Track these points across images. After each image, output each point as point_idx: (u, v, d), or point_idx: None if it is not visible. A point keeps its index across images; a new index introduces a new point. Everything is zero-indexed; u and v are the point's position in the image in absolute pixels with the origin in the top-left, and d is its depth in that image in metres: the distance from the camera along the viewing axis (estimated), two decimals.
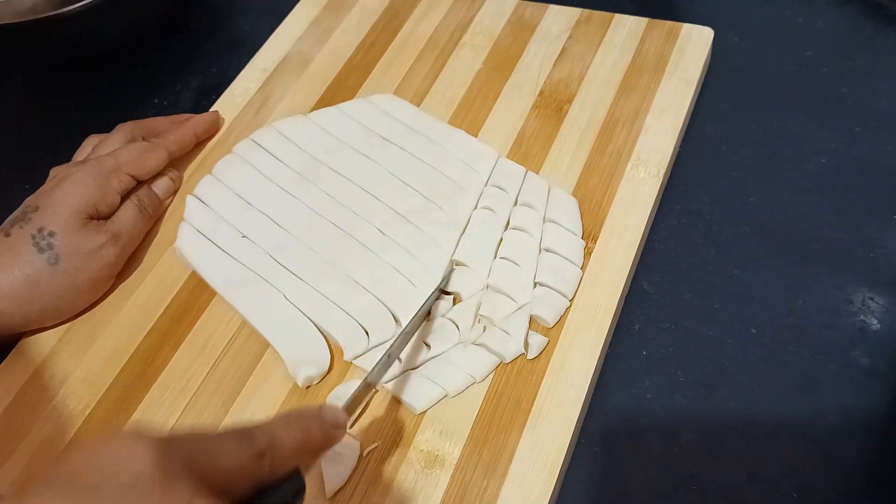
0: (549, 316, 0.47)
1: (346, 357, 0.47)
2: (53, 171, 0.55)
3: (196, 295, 0.52)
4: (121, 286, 0.53)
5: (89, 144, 0.57)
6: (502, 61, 0.62)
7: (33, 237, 0.48)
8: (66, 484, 0.24)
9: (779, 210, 0.53)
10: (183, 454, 0.27)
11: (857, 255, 0.51)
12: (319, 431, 0.32)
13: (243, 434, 0.30)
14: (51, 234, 0.48)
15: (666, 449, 0.45)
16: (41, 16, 0.63)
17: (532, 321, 0.48)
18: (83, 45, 0.68)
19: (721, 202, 0.54)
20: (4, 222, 0.50)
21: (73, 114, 0.69)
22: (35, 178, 0.55)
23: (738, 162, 0.56)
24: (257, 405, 0.46)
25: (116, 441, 0.25)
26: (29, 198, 0.51)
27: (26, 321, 0.49)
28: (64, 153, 0.58)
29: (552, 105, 0.59)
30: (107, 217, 0.51)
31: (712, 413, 0.46)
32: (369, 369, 0.46)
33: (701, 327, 0.49)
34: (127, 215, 0.52)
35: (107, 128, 0.57)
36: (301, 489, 0.32)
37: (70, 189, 0.50)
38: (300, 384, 0.46)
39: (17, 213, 0.50)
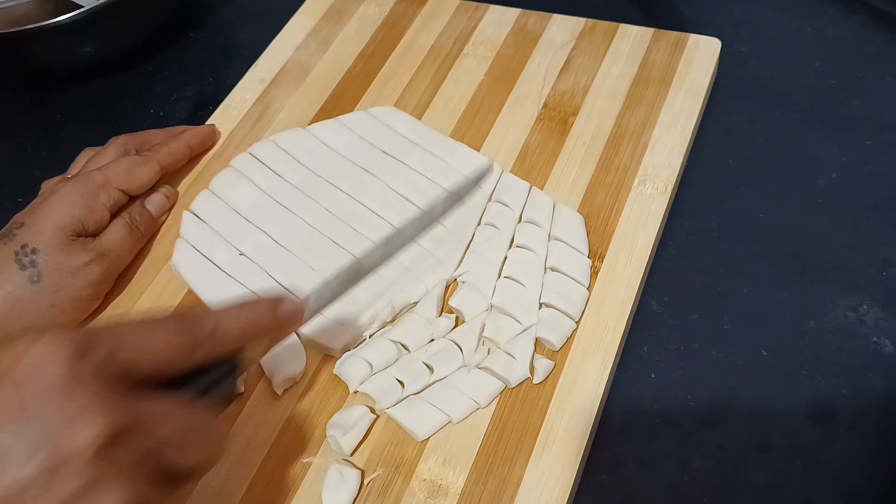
0: (555, 339, 0.46)
1: (352, 388, 0.46)
2: (44, 186, 0.54)
3: None
4: (115, 305, 0.52)
5: (84, 158, 0.55)
6: (505, 72, 0.61)
7: (16, 254, 0.47)
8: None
9: (790, 227, 0.52)
10: (103, 352, 0.28)
11: (870, 274, 0.50)
12: (270, 324, 0.34)
13: (184, 320, 0.31)
14: (34, 251, 0.47)
15: (676, 476, 0.43)
16: (35, 25, 0.62)
17: (538, 343, 0.46)
18: (78, 55, 0.67)
19: (731, 219, 0.53)
20: None
21: (67, 124, 0.67)
22: (28, 191, 0.54)
23: (748, 177, 0.55)
24: (258, 421, 0.45)
25: (42, 341, 0.28)
26: (17, 214, 0.50)
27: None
28: (58, 165, 0.56)
29: (557, 118, 0.57)
30: (95, 234, 0.50)
31: (723, 439, 0.44)
32: (373, 395, 0.45)
33: (711, 349, 0.48)
34: (116, 233, 0.51)
35: (102, 139, 0.56)
36: (232, 370, 0.33)
37: (55, 205, 0.48)
38: (277, 391, 0.46)
39: (3, 229, 0.49)
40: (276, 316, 0.34)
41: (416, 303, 0.49)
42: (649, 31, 0.61)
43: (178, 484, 0.30)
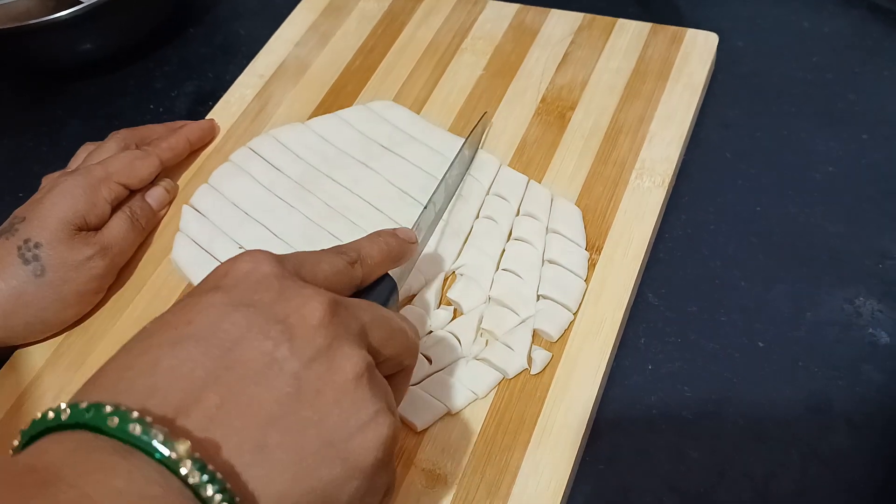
0: (552, 330, 0.46)
1: None
2: (45, 180, 0.54)
3: None
4: (115, 298, 0.52)
5: (84, 152, 0.55)
6: (504, 67, 0.61)
7: (19, 248, 0.47)
8: (214, 283, 0.31)
9: (787, 220, 0.52)
10: (293, 264, 0.33)
11: (866, 266, 0.50)
12: (397, 244, 0.39)
13: (337, 249, 0.36)
14: (36, 245, 0.47)
15: (673, 467, 0.44)
16: (35, 21, 0.62)
17: (535, 335, 0.47)
18: (78, 51, 0.67)
19: (727, 212, 0.53)
20: None
21: (67, 120, 0.68)
22: (28, 187, 0.54)
23: (745, 171, 0.55)
24: None
25: (244, 256, 0.32)
26: (18, 208, 0.50)
27: (12, 334, 0.48)
28: (58, 160, 0.57)
29: (555, 112, 0.57)
30: (97, 228, 0.50)
31: (720, 430, 0.45)
32: None
33: (708, 341, 0.48)
34: (117, 227, 0.51)
35: (102, 135, 0.56)
36: (394, 288, 0.39)
37: (57, 200, 0.49)
38: None
39: (5, 224, 0.49)
40: (399, 238, 0.40)
41: (414, 295, 0.49)
42: (647, 25, 0.62)
43: (389, 377, 0.34)
